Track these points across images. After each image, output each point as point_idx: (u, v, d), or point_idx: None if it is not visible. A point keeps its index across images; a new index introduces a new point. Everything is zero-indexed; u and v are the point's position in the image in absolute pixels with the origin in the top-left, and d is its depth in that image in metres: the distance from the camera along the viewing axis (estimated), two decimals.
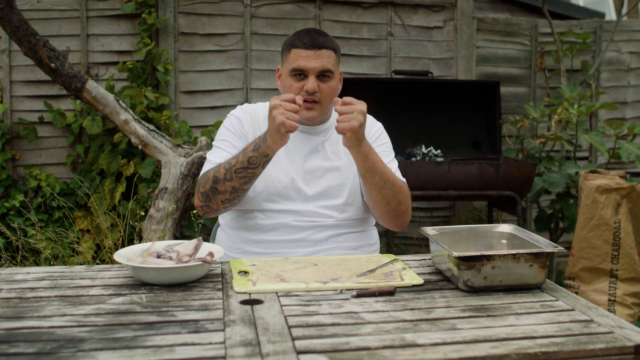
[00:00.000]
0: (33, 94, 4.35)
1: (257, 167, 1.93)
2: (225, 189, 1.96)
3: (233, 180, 1.94)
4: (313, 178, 2.09)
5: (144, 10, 4.31)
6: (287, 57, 2.08)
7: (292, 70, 2.05)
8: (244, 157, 1.92)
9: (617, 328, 1.30)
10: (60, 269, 1.74)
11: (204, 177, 2.02)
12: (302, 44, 2.04)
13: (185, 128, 4.20)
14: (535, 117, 4.37)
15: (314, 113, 2.07)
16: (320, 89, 2.05)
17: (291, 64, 2.05)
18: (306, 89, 2.03)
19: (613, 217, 3.47)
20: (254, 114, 2.17)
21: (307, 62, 2.03)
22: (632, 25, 5.37)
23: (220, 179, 1.95)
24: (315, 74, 2.04)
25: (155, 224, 3.59)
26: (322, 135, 2.16)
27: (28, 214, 4.00)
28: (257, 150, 1.90)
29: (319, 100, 2.06)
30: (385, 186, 1.99)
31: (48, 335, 1.25)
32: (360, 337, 1.24)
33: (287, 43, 2.10)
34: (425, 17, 4.87)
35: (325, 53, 2.05)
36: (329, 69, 2.05)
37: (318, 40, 2.05)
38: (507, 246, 1.80)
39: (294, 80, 2.05)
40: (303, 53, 2.03)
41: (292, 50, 2.06)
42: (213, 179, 1.97)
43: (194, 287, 1.57)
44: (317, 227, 2.05)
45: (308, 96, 2.04)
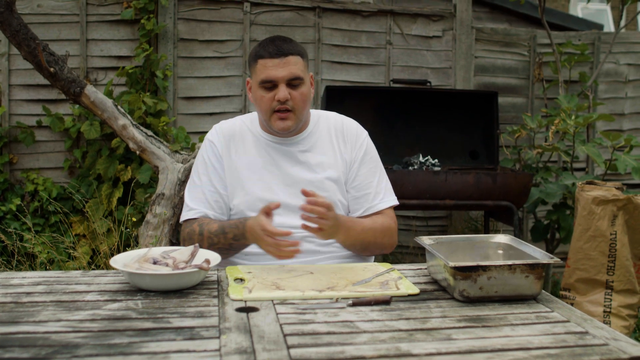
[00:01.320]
0: (32, 98, 4.35)
1: (238, 250, 2.01)
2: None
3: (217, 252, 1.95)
4: (296, 191, 2.03)
5: (144, 16, 4.32)
6: (254, 68, 2.05)
7: (261, 81, 2.01)
8: (225, 241, 1.98)
9: (612, 340, 1.30)
10: (56, 274, 1.74)
11: (189, 237, 2.04)
12: (268, 53, 2.00)
13: (183, 134, 4.21)
14: (532, 128, 4.38)
15: (289, 123, 2.04)
16: (292, 97, 2.01)
17: (259, 75, 2.01)
18: (277, 98, 2.00)
19: (609, 229, 3.48)
20: (228, 132, 2.15)
21: (275, 71, 1.99)
22: (630, 37, 5.39)
23: (206, 248, 1.96)
24: (285, 82, 2.00)
25: (151, 229, 3.58)
26: (301, 145, 2.12)
27: (24, 218, 3.99)
28: (237, 240, 1.96)
29: (292, 108, 2.02)
30: (367, 248, 2.09)
31: (43, 340, 1.25)
32: (356, 346, 1.24)
33: (253, 54, 2.06)
34: (424, 26, 4.89)
35: (292, 59, 2.01)
36: (297, 75, 2.01)
37: (283, 47, 2.01)
38: (503, 257, 1.80)
39: (264, 91, 2.02)
40: (270, 63, 1.99)
41: (259, 61, 2.02)
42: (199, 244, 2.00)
43: (189, 294, 1.57)
44: (306, 237, 2.02)
45: (281, 105, 2.01)
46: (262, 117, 2.09)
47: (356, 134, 2.19)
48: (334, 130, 2.17)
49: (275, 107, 2.01)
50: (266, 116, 2.05)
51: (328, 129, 2.16)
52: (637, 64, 5.32)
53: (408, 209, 4.62)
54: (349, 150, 2.15)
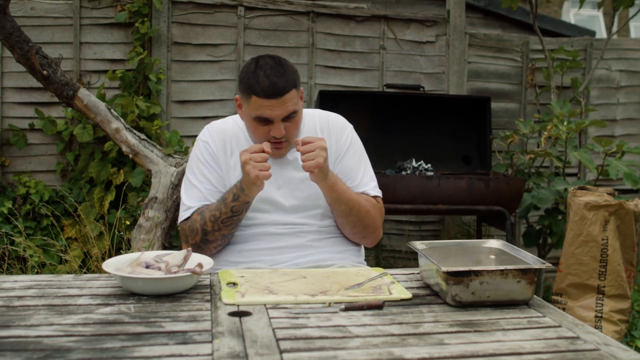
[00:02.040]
0: (24, 101, 4.34)
1: (241, 214, 1.99)
2: (216, 238, 2.02)
3: (222, 229, 2.00)
4: (289, 190, 2.08)
5: (137, 19, 4.32)
6: (247, 101, 1.98)
7: (255, 117, 1.97)
8: (226, 208, 1.97)
9: (603, 345, 1.31)
10: (48, 277, 1.73)
11: (190, 229, 2.04)
12: (263, 92, 1.92)
13: (176, 138, 4.20)
14: (525, 133, 4.40)
15: (283, 151, 2.06)
16: (287, 129, 1.99)
17: (253, 111, 1.96)
18: (273, 134, 1.98)
19: (601, 234, 3.49)
20: (221, 132, 2.14)
21: (271, 111, 1.94)
22: (622, 43, 5.42)
23: (209, 230, 2.00)
24: (280, 119, 1.97)
25: (144, 233, 3.58)
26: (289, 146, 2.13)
27: (16, 221, 3.98)
28: (237, 200, 1.95)
29: (287, 138, 2.02)
30: (351, 213, 2.06)
31: (35, 344, 1.24)
32: (348, 350, 1.24)
33: (246, 84, 1.97)
34: (417, 31, 4.90)
35: (287, 97, 1.94)
36: (293, 110, 1.98)
37: (279, 85, 1.92)
38: (496, 262, 1.80)
39: (258, 124, 1.98)
40: (265, 103, 1.93)
41: (253, 98, 1.94)
42: (202, 232, 2.01)
43: (182, 298, 1.57)
44: (298, 233, 2.06)
45: (275, 140, 2.00)
46: (253, 140, 2.07)
47: (341, 127, 2.20)
48: (319, 125, 2.18)
49: (271, 139, 2.00)
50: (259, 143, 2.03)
51: (314, 126, 2.17)
52: (629, 70, 5.36)
53: (401, 214, 4.63)
54: (334, 143, 2.16)
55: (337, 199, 2.02)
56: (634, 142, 5.33)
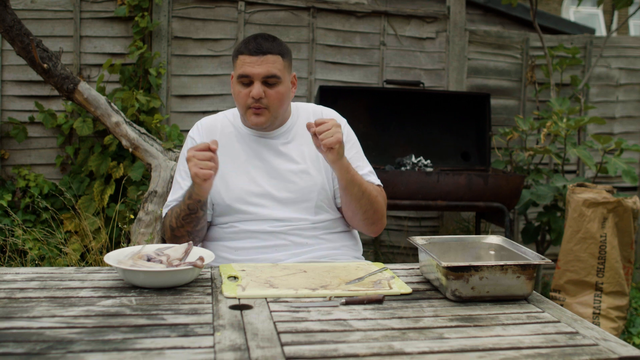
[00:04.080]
0: (24, 94, 4.34)
1: (198, 211, 1.98)
2: (182, 234, 2.03)
3: (184, 226, 2.01)
4: (281, 182, 2.09)
5: (138, 13, 4.32)
6: (235, 63, 2.09)
7: (238, 76, 2.05)
8: (184, 205, 1.98)
9: (602, 340, 1.32)
10: (49, 270, 1.74)
11: (164, 226, 2.09)
12: (248, 50, 2.03)
13: (176, 132, 4.20)
14: (524, 130, 4.40)
15: (262, 119, 2.06)
16: (267, 95, 2.04)
17: (237, 70, 2.06)
18: (251, 95, 2.03)
19: (599, 231, 3.50)
20: (210, 128, 2.19)
21: (251, 68, 2.02)
22: (621, 41, 5.43)
23: (175, 227, 2.02)
24: (260, 79, 2.02)
25: (143, 227, 3.58)
26: (282, 138, 2.15)
27: (15, 214, 3.98)
28: (190, 198, 1.96)
29: (267, 106, 2.05)
30: (363, 196, 2.05)
31: (37, 336, 1.25)
32: (349, 344, 1.25)
33: (235, 50, 2.10)
34: (417, 27, 4.90)
35: (270, 58, 2.03)
36: (274, 74, 2.03)
37: (263, 45, 2.03)
38: (495, 257, 1.81)
39: (241, 87, 2.06)
40: (248, 59, 2.03)
41: (239, 57, 2.06)
42: (170, 228, 2.04)
43: (183, 291, 1.58)
44: (293, 230, 2.06)
45: (254, 103, 2.03)
46: (239, 112, 2.13)
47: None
48: (313, 119, 2.18)
49: (250, 103, 2.04)
50: (242, 111, 2.09)
51: (308, 120, 2.16)
52: (628, 68, 5.36)
53: (400, 210, 4.64)
54: None
55: (352, 180, 2.01)
56: (632, 140, 5.34)
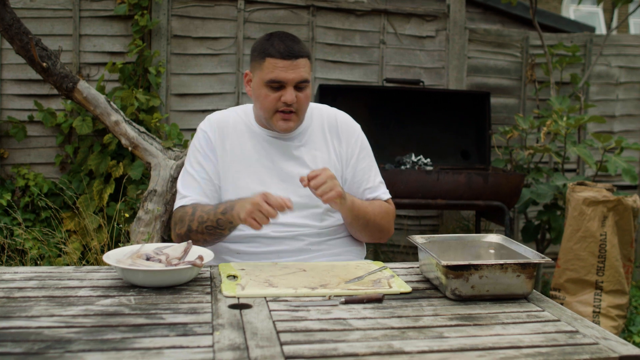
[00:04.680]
0: (23, 93, 4.33)
1: (225, 230, 1.94)
2: (198, 239, 1.98)
3: (204, 234, 1.96)
4: (291, 186, 2.04)
5: (137, 12, 4.31)
6: (261, 65, 1.99)
7: (269, 81, 1.97)
8: (214, 217, 1.93)
9: (602, 339, 1.32)
10: (48, 269, 1.73)
11: (179, 219, 2.02)
12: (278, 53, 1.95)
13: (175, 131, 4.20)
14: (524, 129, 4.40)
15: (291, 124, 2.02)
16: (298, 99, 1.99)
17: (267, 74, 1.97)
18: (284, 100, 1.97)
19: (599, 230, 3.50)
20: (222, 124, 2.12)
21: (284, 73, 1.95)
22: (621, 39, 5.42)
23: (193, 230, 1.97)
24: (293, 84, 1.97)
25: (143, 226, 3.58)
26: (296, 141, 2.11)
27: (15, 213, 3.98)
28: (225, 214, 1.91)
29: (296, 110, 2.01)
30: (368, 224, 2.08)
31: (36, 335, 1.25)
32: (348, 343, 1.25)
33: (260, 50, 2.00)
34: (417, 26, 4.90)
35: (301, 62, 1.97)
36: (305, 78, 1.99)
37: (294, 49, 1.96)
38: (495, 256, 1.81)
39: (269, 90, 1.98)
40: (280, 63, 1.95)
41: (267, 60, 1.96)
42: (187, 227, 1.99)
43: (182, 290, 1.58)
44: (297, 236, 2.03)
45: (286, 107, 1.98)
46: (261, 114, 2.05)
47: (350, 129, 2.19)
48: (327, 125, 2.16)
49: (280, 107, 1.98)
50: (268, 114, 2.02)
51: (321, 124, 2.15)
52: (628, 66, 5.36)
53: (400, 208, 4.60)
54: (344, 147, 2.15)
55: (356, 216, 2.03)
56: (632, 138, 5.34)
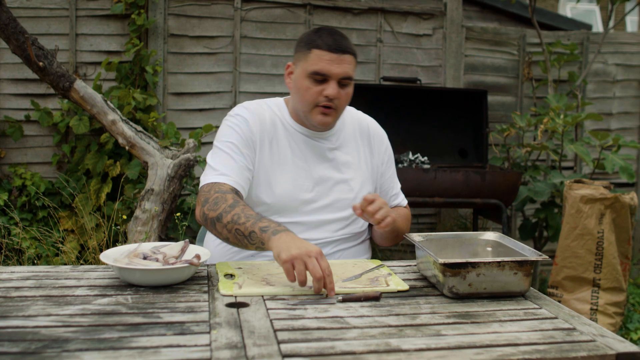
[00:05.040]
0: (20, 92, 4.32)
1: (253, 245, 1.71)
2: (222, 233, 1.79)
3: (231, 234, 1.75)
4: (323, 189, 2.01)
5: (134, 11, 4.30)
6: (306, 56, 1.94)
7: (313, 72, 1.92)
8: (251, 227, 1.69)
9: (599, 336, 1.32)
10: (45, 268, 1.73)
11: (214, 201, 1.80)
12: (326, 45, 1.91)
13: (172, 130, 4.19)
14: (521, 127, 4.40)
15: (329, 119, 1.97)
16: (339, 96, 1.94)
17: (312, 65, 1.92)
18: (326, 94, 1.92)
19: (597, 227, 3.50)
20: (259, 113, 2.02)
21: (330, 66, 1.91)
22: (618, 37, 5.42)
23: (223, 222, 1.76)
24: (337, 79, 1.93)
25: (140, 225, 3.57)
26: (329, 142, 2.07)
27: (12, 212, 3.97)
28: (263, 232, 1.65)
29: (336, 106, 1.96)
30: (395, 233, 2.08)
31: (33, 334, 1.24)
32: (346, 341, 1.25)
33: (307, 41, 1.95)
34: (414, 24, 4.90)
35: (347, 58, 1.93)
36: (350, 75, 1.95)
37: (342, 43, 1.93)
38: (492, 254, 1.81)
39: (312, 83, 1.93)
40: (327, 56, 1.91)
41: (314, 51, 1.92)
42: (218, 215, 1.77)
43: (180, 289, 1.57)
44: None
45: (327, 102, 1.93)
46: (299, 107, 1.99)
47: (381, 136, 2.21)
48: (359, 131, 2.15)
49: (321, 102, 1.94)
50: (307, 107, 1.96)
51: (354, 129, 2.14)
52: (625, 64, 5.36)
53: None
54: (375, 156, 2.16)
55: (391, 229, 2.00)
56: (629, 136, 5.34)
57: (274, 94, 4.60)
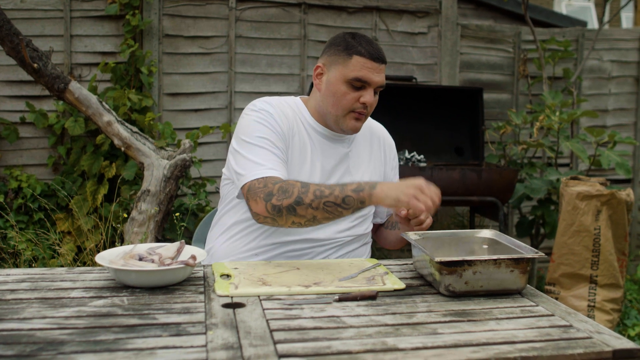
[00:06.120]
0: (15, 94, 4.31)
1: (349, 210, 1.75)
2: (306, 214, 1.77)
3: (319, 210, 1.75)
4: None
5: (128, 11, 4.29)
6: (345, 62, 1.94)
7: (354, 79, 1.93)
8: (340, 193, 1.74)
9: (595, 333, 1.32)
10: (40, 270, 1.72)
11: (281, 190, 1.78)
12: (369, 53, 1.93)
13: (168, 130, 4.18)
14: (517, 124, 4.40)
15: (360, 124, 2.00)
16: (374, 103, 2.00)
17: (354, 72, 1.93)
18: (364, 101, 1.94)
19: (593, 224, 3.51)
20: (283, 112, 2.00)
21: (372, 74, 1.93)
22: (613, 33, 5.43)
23: (305, 203, 1.75)
24: (375, 87, 1.96)
25: (137, 226, 3.57)
26: (345, 146, 2.09)
27: (8, 215, 3.96)
28: (358, 192, 1.73)
29: (368, 113, 2.00)
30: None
31: (28, 337, 1.24)
32: (342, 341, 1.25)
33: (347, 47, 1.96)
34: (409, 23, 4.90)
35: (384, 68, 1.98)
36: (384, 84, 1.99)
37: (382, 53, 1.96)
38: (489, 251, 1.81)
39: (350, 88, 1.94)
40: (369, 64, 1.93)
41: (355, 57, 1.93)
42: (297, 199, 1.75)
43: (175, 290, 1.57)
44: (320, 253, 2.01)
45: (362, 109, 1.96)
46: (332, 111, 1.99)
47: (391, 146, 2.24)
48: (370, 136, 2.17)
49: (357, 108, 1.96)
50: (342, 112, 1.97)
51: (366, 134, 2.16)
52: (620, 60, 5.37)
53: None
54: (386, 162, 2.19)
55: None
56: (625, 132, 5.35)
57: (270, 93, 4.60)
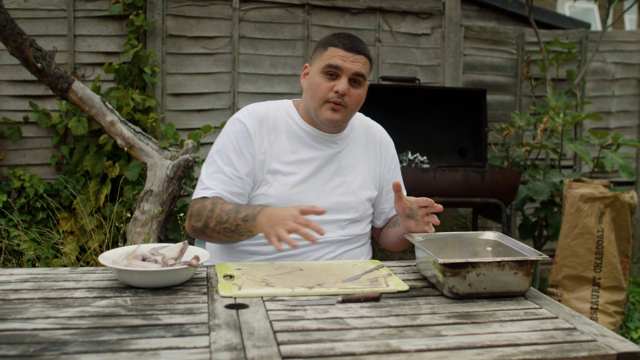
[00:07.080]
0: (18, 94, 4.32)
1: (243, 236, 1.87)
2: (212, 237, 1.92)
3: (221, 234, 1.89)
4: (323, 191, 2.03)
5: (132, 11, 4.30)
6: (321, 54, 2.00)
7: (326, 66, 1.96)
8: (234, 221, 1.84)
9: (600, 336, 1.31)
10: (44, 270, 1.72)
11: (197, 212, 1.93)
12: (342, 44, 1.97)
13: (171, 131, 4.19)
14: (520, 126, 4.40)
15: (338, 116, 1.99)
16: (350, 94, 1.97)
17: (325, 60, 1.97)
18: (336, 89, 1.95)
19: (596, 226, 3.50)
20: (263, 117, 2.04)
21: (343, 62, 1.96)
22: (617, 36, 5.42)
23: (210, 227, 1.89)
24: (349, 76, 1.96)
25: (140, 226, 3.57)
26: (336, 145, 2.09)
27: (11, 214, 3.96)
28: (246, 221, 1.82)
29: (345, 104, 1.98)
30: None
31: (31, 337, 1.24)
32: (345, 342, 1.24)
33: (324, 42, 2.03)
34: (413, 24, 4.89)
35: (361, 59, 1.98)
36: (362, 73, 1.98)
37: (357, 45, 1.99)
38: (492, 253, 1.80)
39: (324, 78, 1.98)
40: (341, 53, 1.96)
41: (329, 49, 1.98)
42: (204, 223, 1.90)
43: (179, 291, 1.57)
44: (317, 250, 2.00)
45: (336, 98, 1.96)
46: (310, 104, 2.02)
47: (388, 146, 2.23)
48: (365, 136, 2.17)
49: (331, 97, 1.97)
50: (317, 104, 1.99)
51: (362, 135, 2.16)
52: (623, 62, 5.36)
53: None
54: (381, 164, 2.18)
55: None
56: (628, 135, 5.34)
57: (273, 94, 4.60)
